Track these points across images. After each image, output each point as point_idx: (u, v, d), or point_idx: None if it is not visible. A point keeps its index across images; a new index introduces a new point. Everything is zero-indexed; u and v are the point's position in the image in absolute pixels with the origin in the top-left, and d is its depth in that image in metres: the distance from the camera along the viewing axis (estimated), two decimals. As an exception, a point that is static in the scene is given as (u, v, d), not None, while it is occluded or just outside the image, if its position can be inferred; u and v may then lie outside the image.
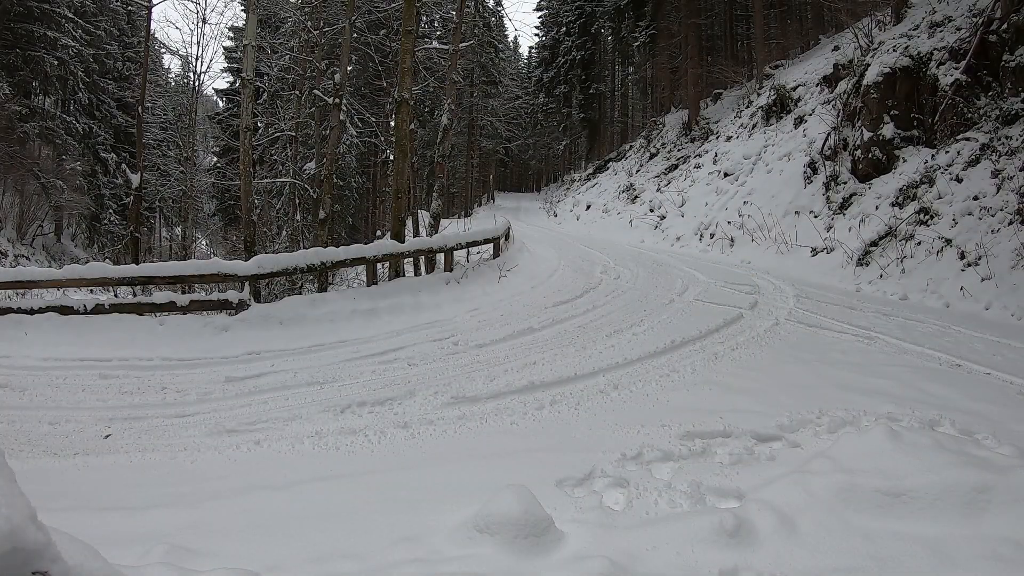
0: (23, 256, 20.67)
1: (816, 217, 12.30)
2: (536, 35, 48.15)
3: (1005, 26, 10.08)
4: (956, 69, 10.68)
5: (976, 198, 9.14)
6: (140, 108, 16.46)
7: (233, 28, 31.35)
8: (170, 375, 5.73)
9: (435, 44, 20.80)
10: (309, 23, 16.98)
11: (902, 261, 9.36)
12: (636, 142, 30.59)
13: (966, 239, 8.73)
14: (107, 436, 4.22)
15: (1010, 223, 8.38)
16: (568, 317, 7.64)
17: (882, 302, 8.47)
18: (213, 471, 3.65)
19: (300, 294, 8.45)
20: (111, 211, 28.18)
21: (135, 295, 8.89)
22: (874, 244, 10.20)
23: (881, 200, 10.96)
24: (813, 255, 11.38)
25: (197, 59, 25.95)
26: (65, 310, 7.05)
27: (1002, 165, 9.12)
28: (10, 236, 21.54)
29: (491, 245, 11.47)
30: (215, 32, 65.40)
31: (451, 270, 9.86)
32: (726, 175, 17.85)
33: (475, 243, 10.97)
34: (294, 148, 18.53)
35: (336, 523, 3.01)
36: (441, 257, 10.14)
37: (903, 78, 11.46)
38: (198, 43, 38.02)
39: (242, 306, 7.42)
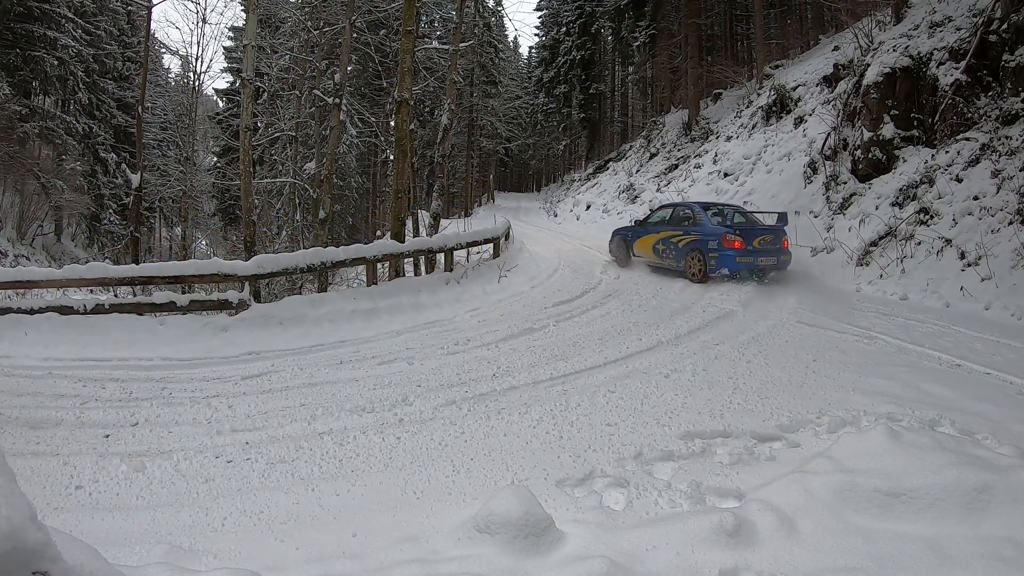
0: (23, 256, 20.67)
1: (816, 217, 12.30)
2: (536, 35, 48.19)
3: (1005, 26, 10.08)
4: (956, 69, 10.68)
5: (976, 198, 9.14)
6: (140, 108, 16.48)
7: (233, 28, 31.36)
8: (170, 375, 5.72)
9: (435, 44, 20.81)
10: (309, 23, 16.98)
11: (902, 261, 9.36)
12: (636, 142, 30.58)
13: (966, 239, 8.73)
14: (107, 436, 4.22)
15: (1010, 223, 8.38)
16: (568, 317, 7.65)
17: (882, 302, 8.47)
18: (213, 471, 3.66)
19: (300, 294, 8.45)
20: (111, 211, 28.17)
21: (135, 295, 8.89)
22: (874, 244, 10.20)
23: (881, 200, 10.96)
24: (813, 255, 11.37)
25: (197, 59, 25.99)
26: (65, 310, 7.04)
27: (1002, 165, 9.12)
28: (10, 236, 21.54)
29: (491, 245, 11.47)
30: (215, 32, 65.54)
31: (451, 270, 9.86)
32: (726, 175, 17.86)
33: (475, 243, 10.97)
34: (294, 148, 18.54)
35: (336, 523, 3.01)
36: (441, 257, 10.14)
37: (903, 78, 11.46)
38: (198, 43, 38.04)
39: (242, 306, 7.42)
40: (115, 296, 8.77)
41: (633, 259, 11.37)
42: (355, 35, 16.36)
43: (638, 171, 26.19)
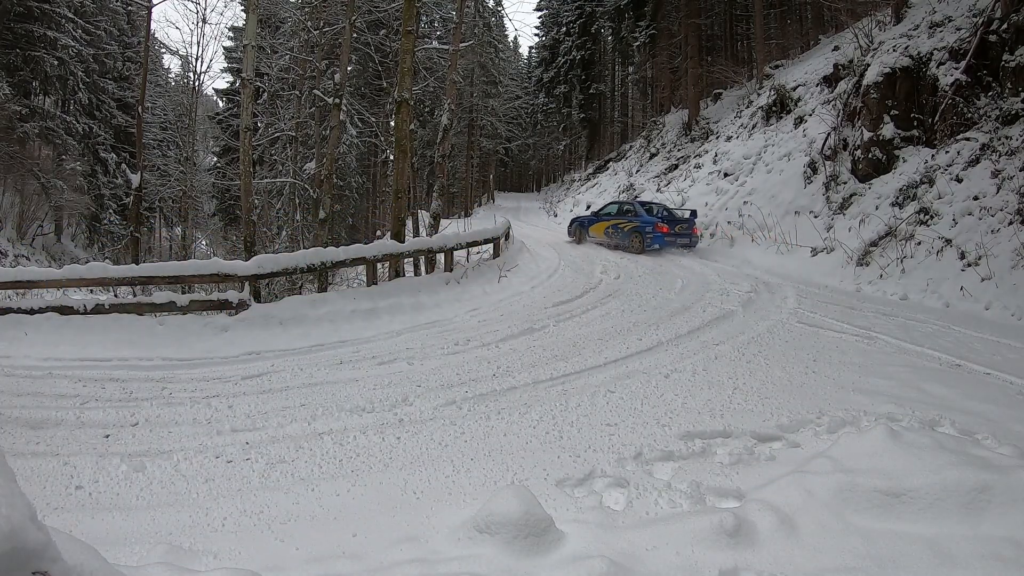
0: (23, 256, 20.67)
1: (816, 217, 12.30)
2: (536, 35, 48.20)
3: (1005, 26, 10.08)
4: (956, 69, 10.68)
5: (976, 198, 9.14)
6: (140, 108, 16.48)
7: (233, 28, 31.35)
8: (170, 375, 5.72)
9: (435, 44, 20.83)
10: (309, 23, 16.98)
11: (902, 261, 9.36)
12: (636, 142, 30.59)
13: (966, 239, 8.73)
14: (107, 436, 4.22)
15: (1010, 223, 8.39)
16: (568, 317, 7.65)
17: (882, 302, 8.47)
18: (213, 471, 3.66)
19: (300, 294, 8.44)
20: (111, 211, 28.17)
21: (135, 295, 8.89)
22: (874, 244, 10.20)
23: (881, 200, 10.97)
24: (813, 255, 11.37)
25: (197, 59, 25.90)
26: (65, 310, 7.04)
27: (1002, 165, 9.13)
28: (10, 236, 21.54)
29: (491, 245, 11.46)
30: (215, 32, 65.58)
31: (451, 270, 9.86)
32: (726, 175, 17.85)
33: (475, 243, 10.96)
34: (294, 148, 18.54)
35: (336, 523, 3.02)
36: (441, 257, 10.13)
37: (903, 78, 11.46)
38: (198, 43, 37.96)
39: (242, 306, 7.42)
40: (115, 296, 8.77)
41: (587, 239, 16.00)
42: (355, 35, 16.37)
43: (638, 171, 26.19)
